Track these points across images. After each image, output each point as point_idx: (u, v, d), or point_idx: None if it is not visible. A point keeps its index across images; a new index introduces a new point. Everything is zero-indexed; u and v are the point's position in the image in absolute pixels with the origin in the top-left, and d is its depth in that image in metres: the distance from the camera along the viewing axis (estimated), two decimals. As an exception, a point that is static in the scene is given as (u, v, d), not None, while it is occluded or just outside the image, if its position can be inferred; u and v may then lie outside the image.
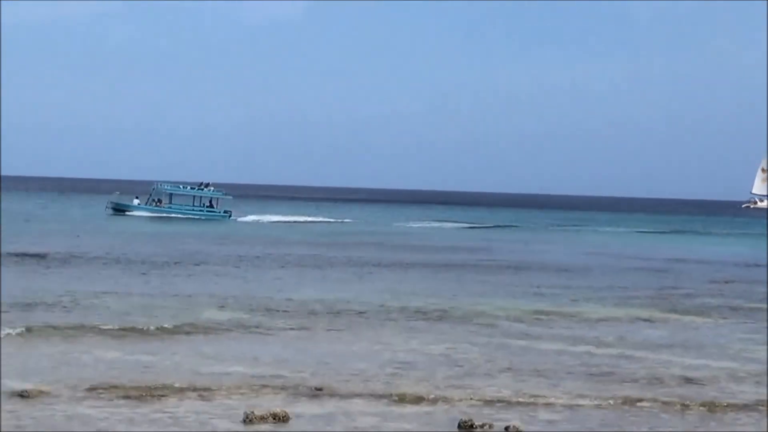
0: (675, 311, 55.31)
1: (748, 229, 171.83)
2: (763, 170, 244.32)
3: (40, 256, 77.78)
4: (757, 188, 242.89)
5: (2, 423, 25.81)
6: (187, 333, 42.51)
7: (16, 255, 76.58)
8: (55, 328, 41.99)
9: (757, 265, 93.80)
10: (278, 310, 49.79)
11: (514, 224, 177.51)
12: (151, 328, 43.11)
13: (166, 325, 43.07)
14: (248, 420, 26.95)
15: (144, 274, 69.06)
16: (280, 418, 27.13)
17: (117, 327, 42.61)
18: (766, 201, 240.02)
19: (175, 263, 78.54)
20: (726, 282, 75.60)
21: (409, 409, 29.23)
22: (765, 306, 58.16)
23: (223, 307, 50.54)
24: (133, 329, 42.61)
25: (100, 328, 42.36)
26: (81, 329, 42.25)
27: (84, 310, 48.11)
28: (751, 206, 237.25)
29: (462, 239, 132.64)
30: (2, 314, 44.23)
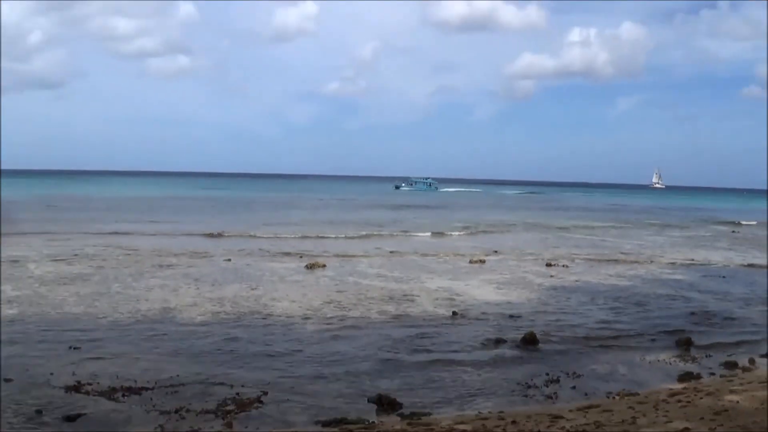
0: (622, 223, 55.72)
1: (646, 194, 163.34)
2: (656, 172, 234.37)
3: (402, 205, 76.01)
4: (655, 179, 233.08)
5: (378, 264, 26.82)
6: (442, 234, 42.34)
7: (393, 206, 73.74)
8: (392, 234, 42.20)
9: (657, 208, 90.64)
10: (479, 226, 48.18)
11: (539, 192, 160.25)
12: (444, 230, 43.04)
13: (436, 233, 42.15)
14: (471, 261, 28.23)
15: (422, 211, 68.05)
16: (482, 261, 28.38)
17: (401, 231, 42.66)
18: (658, 184, 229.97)
19: (430, 207, 76.39)
20: (642, 213, 75.31)
21: (528, 258, 30.36)
22: (654, 222, 59.04)
23: (458, 224, 49.27)
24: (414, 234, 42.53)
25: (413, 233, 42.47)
26: (406, 233, 42.25)
27: (409, 224, 47.33)
28: (653, 186, 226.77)
29: (530, 198, 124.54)
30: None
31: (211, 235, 36.42)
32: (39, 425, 9.08)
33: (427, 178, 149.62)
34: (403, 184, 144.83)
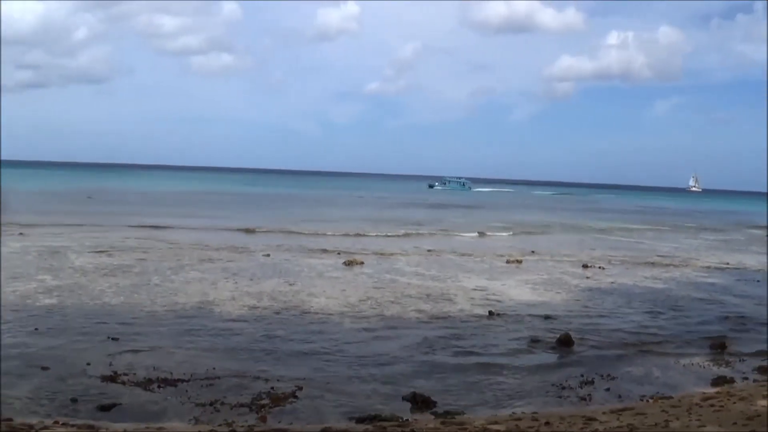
0: (658, 226, 54.36)
1: (683, 197, 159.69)
2: (693, 176, 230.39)
3: (438, 204, 76.20)
4: (692, 182, 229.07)
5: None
6: (484, 234, 41.69)
7: (429, 205, 73.88)
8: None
9: (692, 211, 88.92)
10: (517, 226, 47.26)
11: (574, 193, 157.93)
12: (485, 230, 42.56)
13: (473, 233, 41.50)
14: (508, 261, 27.93)
15: (458, 210, 67.17)
16: (519, 261, 28.07)
17: (438, 230, 42.41)
18: (694, 188, 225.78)
19: (466, 206, 75.08)
20: (678, 216, 73.54)
21: (564, 259, 29.96)
22: (690, 225, 57.68)
23: (497, 224, 48.56)
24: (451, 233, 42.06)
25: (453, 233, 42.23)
26: (443, 232, 42.05)
27: (446, 223, 47.11)
28: (690, 190, 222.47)
29: (565, 199, 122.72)
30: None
31: (250, 231, 36.61)
32: (73, 414, 9.16)
33: (460, 178, 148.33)
34: (437, 184, 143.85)
